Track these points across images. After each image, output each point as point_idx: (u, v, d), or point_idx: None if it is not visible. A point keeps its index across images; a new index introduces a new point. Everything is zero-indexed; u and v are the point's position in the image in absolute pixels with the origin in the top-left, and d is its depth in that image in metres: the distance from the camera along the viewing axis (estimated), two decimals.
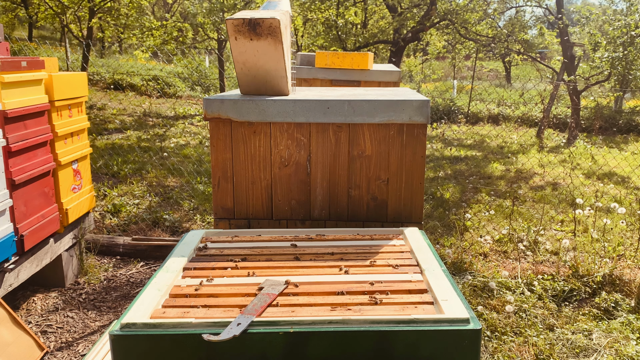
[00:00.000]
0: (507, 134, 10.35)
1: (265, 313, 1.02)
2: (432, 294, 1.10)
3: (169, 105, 12.32)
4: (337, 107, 1.62)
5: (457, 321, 0.97)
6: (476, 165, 7.60)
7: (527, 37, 12.28)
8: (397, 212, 1.70)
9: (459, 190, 6.14)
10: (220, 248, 1.41)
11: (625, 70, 9.72)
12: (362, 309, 1.04)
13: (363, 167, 1.68)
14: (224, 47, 12.95)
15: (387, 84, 3.85)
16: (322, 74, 3.97)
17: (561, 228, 4.86)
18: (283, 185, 1.70)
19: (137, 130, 9.27)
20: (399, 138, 1.64)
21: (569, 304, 3.33)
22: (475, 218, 5.00)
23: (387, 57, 14.53)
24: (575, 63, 10.34)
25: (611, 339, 2.88)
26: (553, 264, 3.90)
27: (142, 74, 14.90)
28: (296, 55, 4.23)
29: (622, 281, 3.49)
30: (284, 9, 1.80)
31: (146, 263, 3.85)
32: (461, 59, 18.82)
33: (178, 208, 5.11)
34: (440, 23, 11.62)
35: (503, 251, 4.24)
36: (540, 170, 7.28)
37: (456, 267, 3.80)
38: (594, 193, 5.78)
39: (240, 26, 1.57)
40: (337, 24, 12.65)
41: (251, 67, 1.66)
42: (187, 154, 7.32)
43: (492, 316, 3.10)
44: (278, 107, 1.63)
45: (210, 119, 1.66)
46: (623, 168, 7.38)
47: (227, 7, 11.32)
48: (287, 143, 1.67)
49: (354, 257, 1.33)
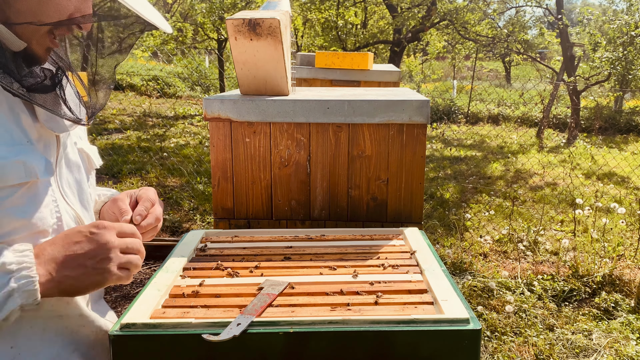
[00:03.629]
0: (507, 134, 10.35)
1: (265, 313, 1.02)
2: (432, 294, 1.10)
3: (168, 105, 12.33)
4: (337, 107, 1.62)
5: (457, 321, 0.97)
6: (476, 165, 7.60)
7: (527, 37, 12.28)
8: (397, 212, 1.70)
9: (459, 190, 6.14)
10: (220, 248, 1.41)
11: (625, 70, 9.72)
12: (362, 309, 1.04)
13: (363, 167, 1.68)
14: (224, 47, 12.95)
15: (387, 84, 3.85)
16: (322, 74, 3.97)
17: (561, 228, 4.86)
18: (283, 185, 1.70)
19: (137, 131, 9.27)
20: (399, 138, 1.64)
21: (569, 304, 3.33)
22: (475, 218, 5.00)
23: (387, 57, 14.53)
24: (575, 63, 10.34)
25: (611, 339, 2.88)
26: (553, 264, 3.91)
27: (142, 74, 14.90)
28: (296, 55, 4.23)
29: (622, 281, 3.49)
30: (284, 9, 1.80)
31: (146, 263, 3.85)
32: (461, 59, 18.83)
33: (178, 208, 5.11)
34: (440, 23, 11.62)
35: (503, 251, 4.25)
36: (540, 170, 7.29)
37: (456, 267, 3.80)
38: (593, 193, 5.78)
39: (240, 26, 1.57)
40: (336, 24, 12.65)
41: (251, 67, 1.66)
42: (187, 154, 7.32)
43: (492, 316, 3.10)
44: (278, 107, 1.63)
45: (210, 119, 1.66)
46: (623, 168, 7.38)
47: (227, 7, 11.32)
48: (287, 143, 1.67)
49: (354, 257, 1.33)
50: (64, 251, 0.88)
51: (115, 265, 0.90)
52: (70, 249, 0.88)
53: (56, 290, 0.86)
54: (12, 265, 0.82)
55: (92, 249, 0.88)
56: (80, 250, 0.88)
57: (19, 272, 0.82)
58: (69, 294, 0.89)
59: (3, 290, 0.81)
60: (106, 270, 0.89)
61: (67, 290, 0.88)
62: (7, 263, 0.82)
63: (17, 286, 0.81)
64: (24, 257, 0.84)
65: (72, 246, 0.88)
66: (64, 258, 0.87)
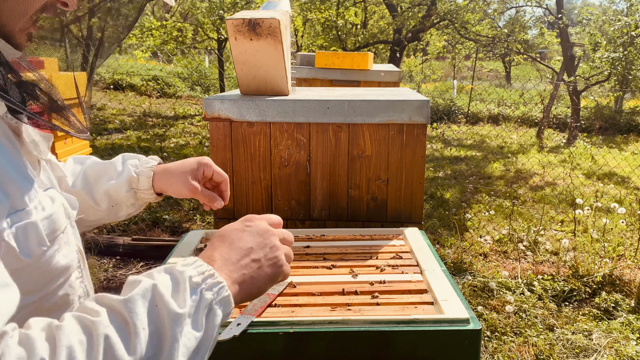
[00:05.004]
0: (507, 134, 10.35)
1: (265, 313, 1.02)
2: (432, 294, 1.10)
3: (168, 105, 12.33)
4: (337, 107, 1.62)
5: (457, 321, 0.97)
6: (476, 166, 7.60)
7: (527, 37, 12.28)
8: (397, 212, 1.70)
9: (459, 190, 6.14)
10: None
11: (625, 71, 9.72)
12: (362, 309, 1.04)
13: (363, 167, 1.68)
14: (223, 47, 12.95)
15: (387, 84, 3.85)
16: (322, 74, 3.96)
17: (561, 228, 4.86)
18: (283, 185, 1.70)
19: (137, 130, 9.27)
20: (398, 138, 1.64)
21: (569, 304, 3.33)
22: (475, 218, 5.00)
23: (387, 57, 14.52)
24: (575, 63, 10.34)
25: (611, 339, 2.88)
26: (553, 264, 3.90)
27: (142, 74, 14.90)
28: (296, 55, 4.22)
29: (622, 281, 3.49)
30: (284, 9, 1.80)
31: (146, 263, 3.85)
32: (461, 59, 18.82)
33: (178, 208, 5.11)
34: (440, 23, 11.62)
35: (503, 251, 4.24)
36: (540, 170, 7.28)
37: (456, 267, 3.80)
38: (594, 193, 5.78)
39: (240, 26, 1.57)
40: (336, 24, 12.65)
41: (251, 67, 1.66)
42: (187, 154, 7.32)
43: (492, 316, 3.10)
44: (278, 107, 1.63)
45: (210, 119, 1.66)
46: (623, 168, 7.38)
47: (227, 6, 11.31)
48: (287, 143, 1.67)
49: (354, 257, 1.33)
50: (233, 251, 0.78)
51: (283, 255, 0.82)
52: (237, 246, 0.79)
53: (239, 294, 0.75)
54: (195, 277, 0.69)
55: (258, 242, 0.80)
56: (248, 245, 0.79)
57: (206, 282, 0.69)
58: (248, 297, 0.78)
59: (202, 305, 0.67)
60: (278, 260, 0.80)
61: (247, 290, 0.77)
62: (192, 276, 0.69)
63: (212, 297, 0.69)
64: (198, 267, 0.71)
65: (237, 243, 0.79)
66: (236, 258, 0.77)
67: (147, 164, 1.14)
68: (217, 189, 1.18)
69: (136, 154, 1.17)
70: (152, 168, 1.13)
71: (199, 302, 0.67)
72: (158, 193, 1.16)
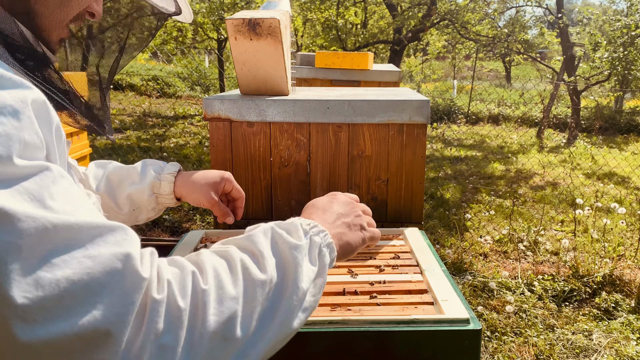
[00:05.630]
0: (507, 134, 10.35)
1: None
2: (432, 294, 1.09)
3: (168, 105, 12.33)
4: (337, 107, 1.62)
5: (457, 321, 0.97)
6: (476, 165, 7.60)
7: (527, 37, 12.29)
8: (397, 212, 1.70)
9: (459, 190, 6.14)
10: None
11: (625, 71, 9.72)
12: (362, 309, 1.04)
13: (363, 167, 1.67)
14: (223, 47, 12.95)
15: (387, 84, 3.84)
16: (322, 74, 3.96)
17: (561, 228, 4.85)
18: (283, 185, 1.70)
19: (136, 130, 9.27)
20: (399, 138, 1.64)
21: (569, 304, 3.33)
22: (475, 218, 5.00)
23: (387, 57, 14.53)
24: (575, 63, 10.34)
25: (611, 339, 2.88)
26: (553, 264, 3.90)
27: (142, 74, 14.90)
28: (296, 55, 4.22)
29: (622, 281, 3.49)
30: (284, 9, 1.80)
31: None
32: (461, 59, 18.83)
33: (178, 208, 5.11)
34: (440, 23, 11.62)
35: (503, 251, 4.24)
36: (541, 170, 7.28)
37: (456, 267, 3.80)
38: (594, 193, 5.78)
39: (240, 26, 1.57)
40: (337, 24, 12.65)
41: (251, 67, 1.66)
42: (187, 154, 7.32)
43: (492, 316, 3.10)
44: (278, 107, 1.63)
45: (210, 119, 1.66)
46: (623, 168, 7.38)
47: (227, 6, 11.31)
48: (287, 143, 1.67)
49: (354, 257, 1.33)
50: (327, 214, 0.89)
51: (366, 223, 0.93)
52: (330, 210, 0.89)
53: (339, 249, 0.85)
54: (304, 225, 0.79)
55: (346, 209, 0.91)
56: (338, 211, 0.90)
57: (312, 230, 0.79)
58: (345, 253, 0.88)
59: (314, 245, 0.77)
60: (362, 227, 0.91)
61: (344, 247, 0.87)
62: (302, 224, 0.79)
63: (320, 241, 0.79)
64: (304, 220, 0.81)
65: (330, 208, 0.90)
66: (331, 219, 0.88)
67: (169, 170, 1.20)
68: (231, 204, 1.25)
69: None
70: (173, 174, 1.19)
71: (311, 243, 0.77)
72: (177, 198, 1.22)
